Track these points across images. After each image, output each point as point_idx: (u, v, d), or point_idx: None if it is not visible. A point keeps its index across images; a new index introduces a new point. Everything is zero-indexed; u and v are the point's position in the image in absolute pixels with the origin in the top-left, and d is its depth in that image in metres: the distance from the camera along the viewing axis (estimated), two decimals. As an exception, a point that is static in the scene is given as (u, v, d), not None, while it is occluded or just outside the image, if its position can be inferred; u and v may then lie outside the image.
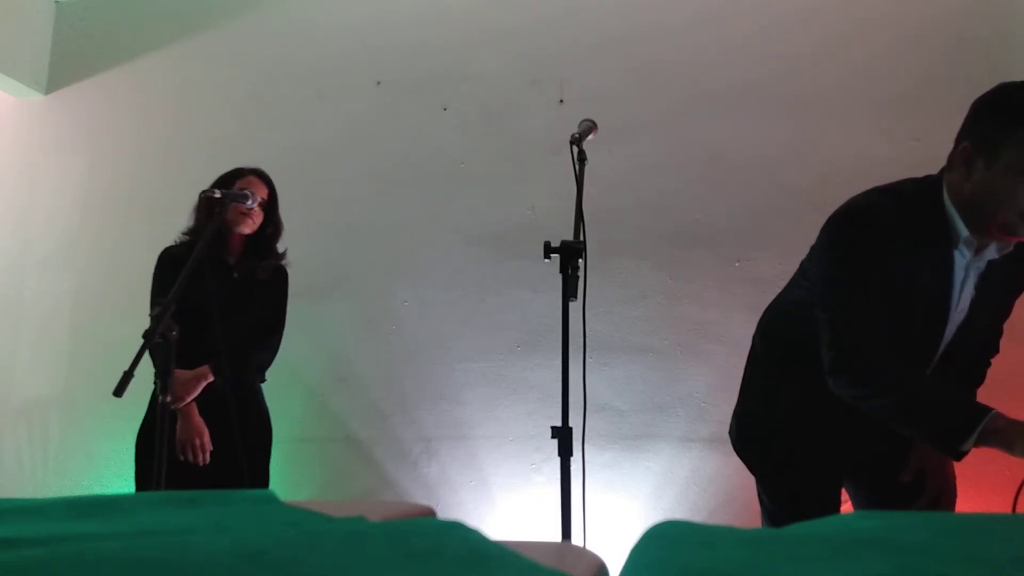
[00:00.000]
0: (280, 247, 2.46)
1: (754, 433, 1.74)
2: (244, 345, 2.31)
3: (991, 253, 1.46)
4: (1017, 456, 1.28)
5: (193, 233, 2.34)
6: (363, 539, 0.54)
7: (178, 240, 2.38)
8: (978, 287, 1.49)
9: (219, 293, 2.27)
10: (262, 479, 2.37)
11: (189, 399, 2.21)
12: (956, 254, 1.45)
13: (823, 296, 1.49)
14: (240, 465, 2.15)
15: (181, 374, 2.19)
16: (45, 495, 2.42)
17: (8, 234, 3.64)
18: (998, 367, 1.72)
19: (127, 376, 1.64)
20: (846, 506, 1.76)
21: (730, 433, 1.80)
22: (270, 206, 2.39)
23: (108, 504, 0.73)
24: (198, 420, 2.21)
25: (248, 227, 2.33)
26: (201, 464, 2.19)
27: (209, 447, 2.21)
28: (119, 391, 1.62)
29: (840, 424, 1.54)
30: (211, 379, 2.23)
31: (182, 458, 2.19)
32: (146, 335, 1.72)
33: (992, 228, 1.41)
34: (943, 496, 1.67)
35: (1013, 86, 1.38)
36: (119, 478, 3.25)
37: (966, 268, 1.47)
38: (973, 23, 2.93)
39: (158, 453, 1.76)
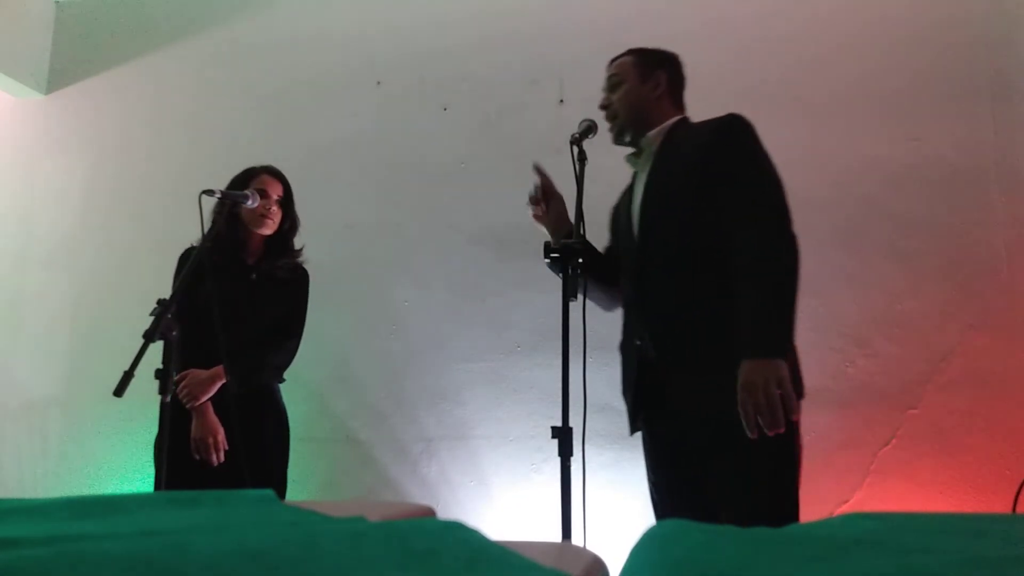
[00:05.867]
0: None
1: None
2: (261, 346, 2.28)
3: None
4: None
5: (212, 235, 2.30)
6: (363, 539, 0.54)
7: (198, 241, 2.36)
8: None
9: (237, 294, 2.26)
10: (279, 479, 2.34)
11: (204, 399, 2.19)
12: None
13: (766, 198, 1.65)
14: (254, 465, 2.13)
15: (197, 374, 2.19)
16: (45, 495, 2.42)
17: (9, 234, 3.64)
18: (1003, 369, 1.72)
19: (127, 376, 1.64)
20: (845, 506, 1.76)
21: None
22: (286, 202, 2.36)
23: (108, 504, 0.73)
24: (213, 419, 2.19)
25: (267, 228, 2.31)
26: (215, 463, 2.17)
27: (224, 446, 2.18)
28: (119, 391, 1.62)
29: None
30: (226, 379, 2.19)
31: (197, 457, 2.17)
32: (146, 335, 1.72)
33: None
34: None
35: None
36: (119, 478, 3.25)
37: None
38: (973, 24, 2.92)
39: (157, 455, 1.76)
